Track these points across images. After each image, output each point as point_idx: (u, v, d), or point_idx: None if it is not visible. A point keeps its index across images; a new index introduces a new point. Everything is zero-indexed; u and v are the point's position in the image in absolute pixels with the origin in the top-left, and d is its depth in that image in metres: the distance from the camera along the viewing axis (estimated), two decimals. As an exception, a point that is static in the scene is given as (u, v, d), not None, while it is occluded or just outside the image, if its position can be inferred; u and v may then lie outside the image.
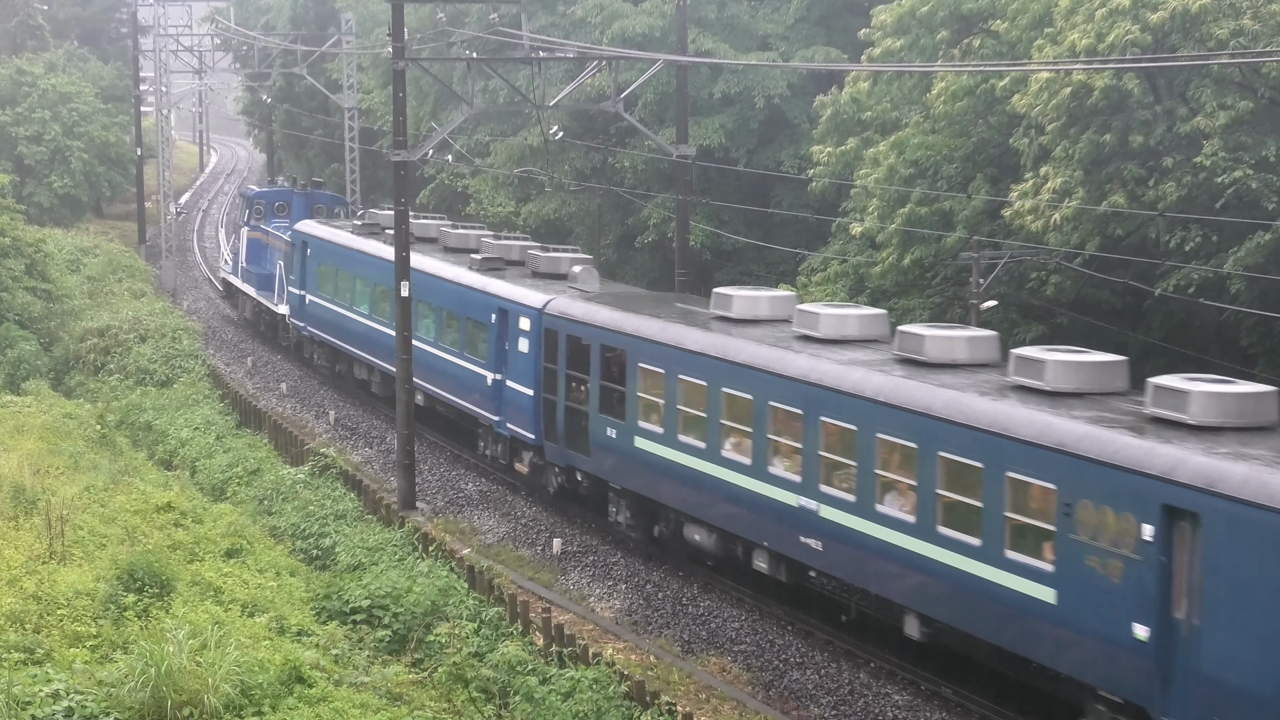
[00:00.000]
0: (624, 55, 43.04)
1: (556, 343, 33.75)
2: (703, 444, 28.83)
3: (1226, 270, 30.28)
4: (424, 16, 56.72)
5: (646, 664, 26.72)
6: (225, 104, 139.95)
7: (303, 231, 50.61)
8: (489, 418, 36.95)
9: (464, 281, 38.79)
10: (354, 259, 45.87)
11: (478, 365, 37.33)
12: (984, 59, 36.33)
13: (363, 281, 44.94)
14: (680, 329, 30.18)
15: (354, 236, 46.93)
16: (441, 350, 39.44)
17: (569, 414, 33.34)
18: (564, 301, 34.33)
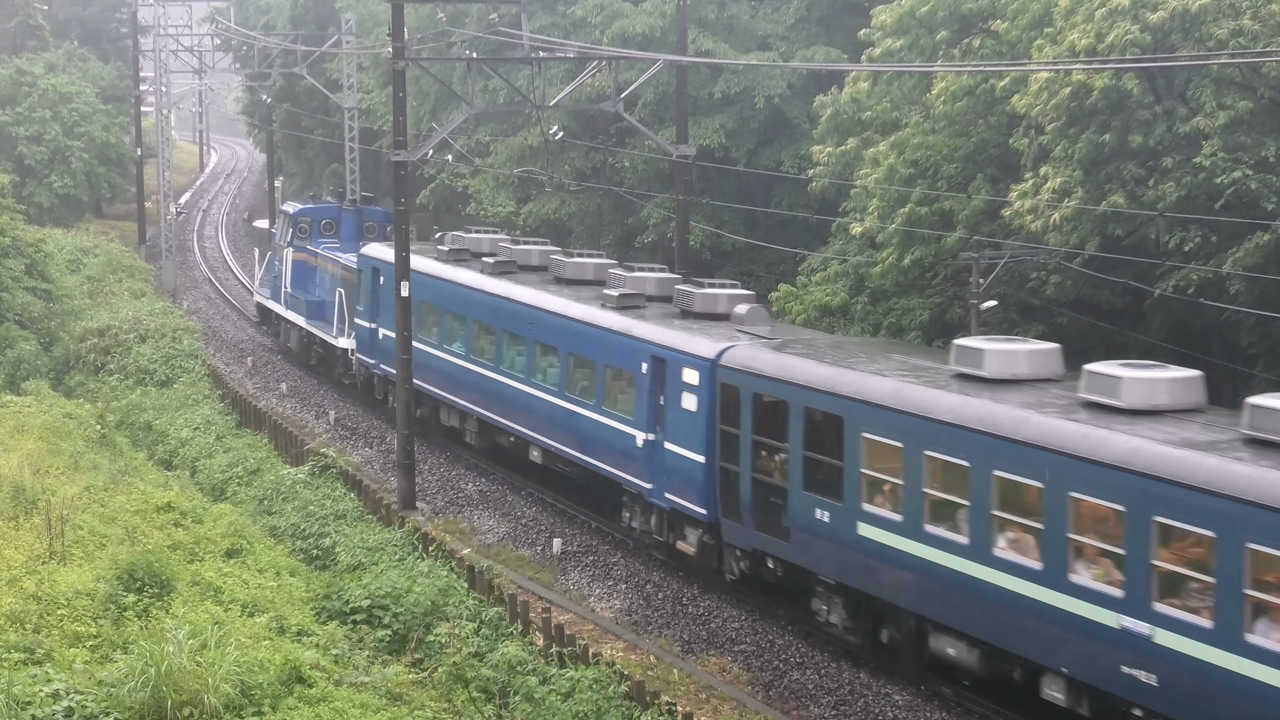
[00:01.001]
0: (624, 55, 43.05)
1: (738, 402, 27.92)
2: (963, 537, 23.12)
3: (1226, 270, 30.28)
4: (424, 16, 56.72)
5: (646, 664, 26.71)
6: (225, 104, 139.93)
7: (373, 257, 43.75)
8: (638, 485, 31.05)
9: (598, 322, 32.83)
10: (443, 291, 39.69)
11: (622, 422, 31.59)
12: (984, 59, 36.34)
13: (455, 317, 39.12)
14: (922, 392, 24.39)
15: (442, 265, 40.62)
16: (567, 401, 33.68)
17: (758, 488, 27.58)
18: (746, 352, 28.37)
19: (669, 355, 30.09)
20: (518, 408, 35.71)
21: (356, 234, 50.71)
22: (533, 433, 35.18)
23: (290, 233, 52.40)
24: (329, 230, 51.59)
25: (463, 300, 38.73)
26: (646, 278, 34.43)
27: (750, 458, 27.69)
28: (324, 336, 48.83)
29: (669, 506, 30.15)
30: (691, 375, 29.26)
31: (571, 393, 33.59)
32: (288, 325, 53.73)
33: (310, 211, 52.76)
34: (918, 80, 38.53)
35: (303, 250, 51.76)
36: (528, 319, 34.95)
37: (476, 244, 41.54)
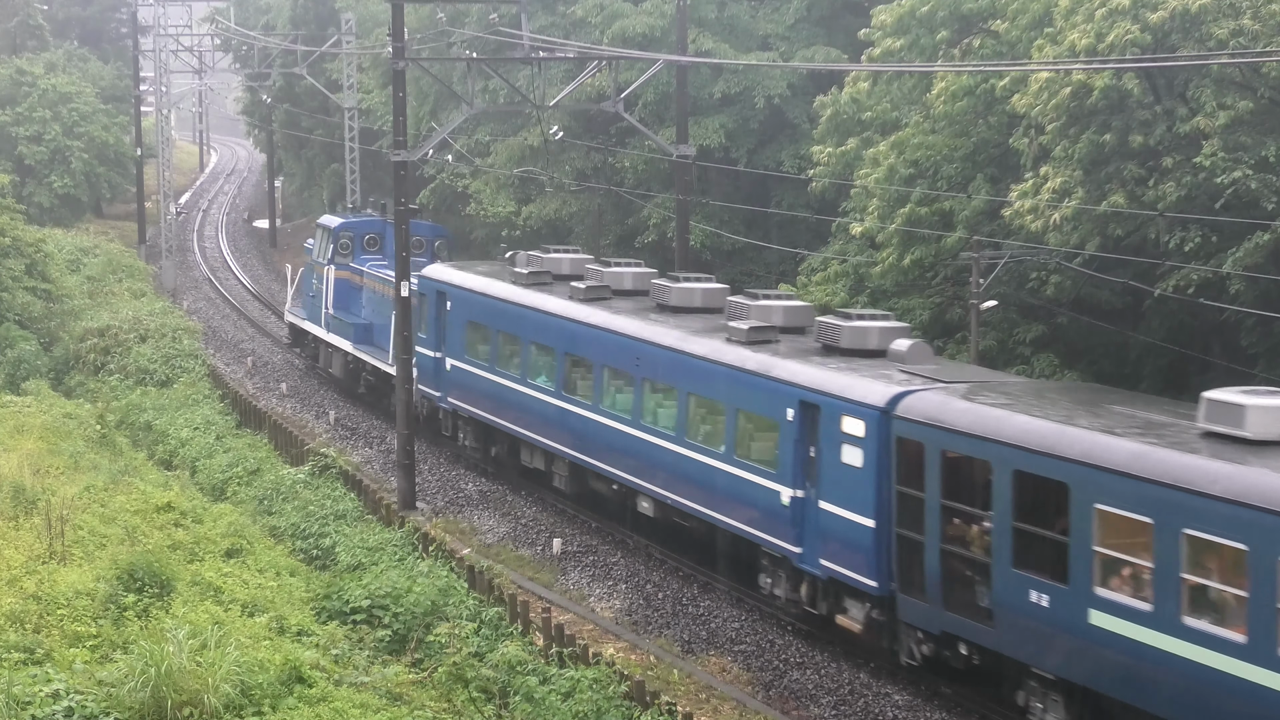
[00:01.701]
0: (624, 55, 43.04)
1: (920, 459, 24.01)
2: (1239, 635, 19.31)
3: (1226, 270, 30.28)
4: (424, 16, 56.71)
5: (646, 664, 26.72)
6: (225, 104, 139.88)
7: (437, 279, 39.72)
8: (783, 548, 27.20)
9: (726, 360, 28.80)
10: (526, 320, 35.58)
11: (760, 475, 27.71)
12: (984, 59, 36.33)
13: (541, 349, 35.01)
14: (1175, 457, 20.57)
15: (522, 290, 36.42)
16: (687, 448, 29.78)
17: (948, 561, 23.71)
18: (931, 400, 24.38)
19: (823, 401, 26.08)
20: (622, 452, 31.76)
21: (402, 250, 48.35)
22: (643, 481, 31.26)
23: (330, 249, 48.13)
24: (373, 246, 47.42)
25: (550, 330, 34.52)
26: (773, 306, 30.32)
27: (938, 525, 23.70)
28: (376, 363, 44.27)
29: (825, 575, 26.20)
30: (855, 425, 25.32)
31: (693, 439, 29.66)
32: (329, 349, 48.77)
33: (352, 226, 48.21)
34: (918, 80, 38.52)
35: (346, 268, 47.63)
36: (633, 353, 31.26)
37: (556, 265, 37.75)
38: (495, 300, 36.62)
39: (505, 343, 36.48)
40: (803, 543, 26.72)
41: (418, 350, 38.84)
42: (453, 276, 39.40)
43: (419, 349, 39.02)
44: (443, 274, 40.06)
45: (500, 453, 37.74)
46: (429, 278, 40.12)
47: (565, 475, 34.62)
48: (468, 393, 38.25)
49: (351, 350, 46.05)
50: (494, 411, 36.75)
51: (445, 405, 39.40)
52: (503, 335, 36.48)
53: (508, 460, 37.53)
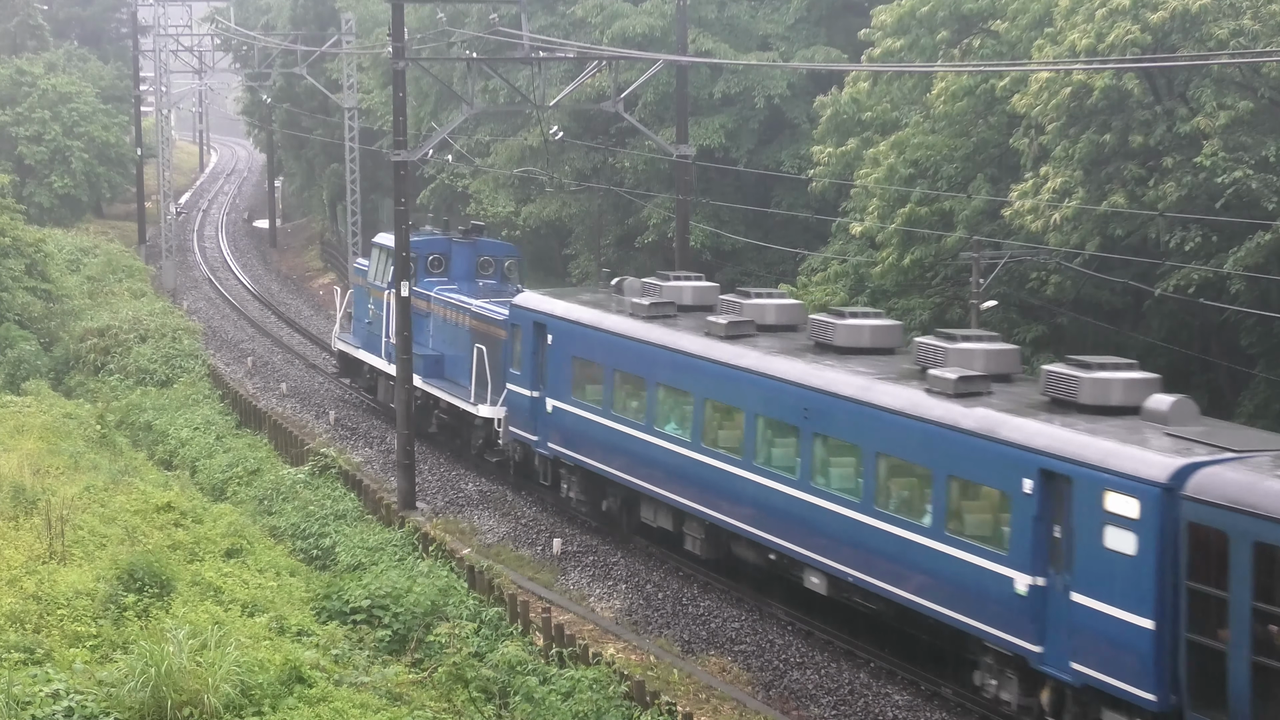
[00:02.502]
0: (624, 55, 43.04)
1: (1223, 550, 19.82)
2: None
3: (1226, 270, 30.28)
4: (424, 16, 56.72)
5: (646, 664, 26.72)
6: (225, 104, 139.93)
7: (534, 309, 35.42)
8: (1016, 645, 22.89)
9: (933, 416, 24.24)
10: (650, 358, 31.14)
11: (983, 556, 23.36)
12: (984, 59, 36.32)
13: (672, 393, 30.66)
14: None
15: (641, 324, 31.94)
16: (877, 518, 25.27)
17: (1263, 676, 19.51)
18: (1233, 477, 20.14)
19: (1075, 472, 21.74)
20: (783, 518, 27.32)
21: (470, 271, 42.55)
22: (812, 553, 26.72)
23: (390, 271, 42.08)
24: (438, 268, 42.74)
25: (685, 372, 30.05)
26: (975, 350, 25.53)
27: (1248, 632, 19.55)
28: (452, 400, 39.71)
29: (1078, 681, 21.97)
30: (1125, 504, 21.03)
31: (884, 507, 25.14)
32: (394, 383, 41.46)
33: (415, 246, 41.10)
34: (918, 80, 38.51)
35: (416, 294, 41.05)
36: (800, 403, 26.76)
37: (678, 294, 32.92)
38: (611, 335, 32.20)
39: (624, 384, 32.08)
40: (1045, 640, 22.40)
41: (509, 388, 36.15)
42: (554, 307, 34.75)
43: (510, 387, 35.96)
44: (541, 304, 35.53)
45: (613, 507, 33.26)
46: (524, 307, 35.80)
47: (701, 538, 30.10)
48: (574, 438, 33.64)
49: (421, 384, 40.41)
50: (608, 461, 32.36)
51: (544, 451, 34.82)
52: (620, 375, 32.09)
53: (622, 516, 33.14)
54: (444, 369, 40.92)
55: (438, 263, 42.88)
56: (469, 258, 42.75)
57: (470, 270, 42.59)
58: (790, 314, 30.93)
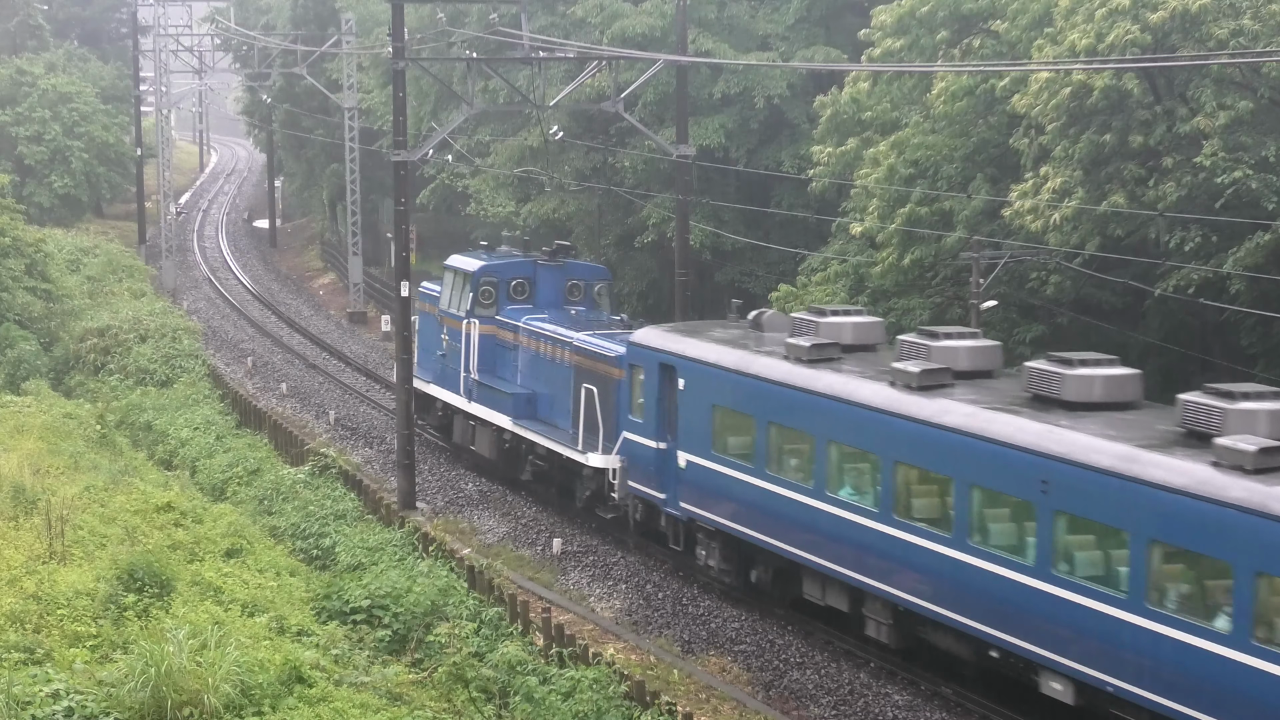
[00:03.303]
0: (624, 55, 43.04)
1: None
2: None
3: (1226, 270, 30.28)
4: (424, 16, 56.72)
5: (646, 664, 26.73)
6: (225, 104, 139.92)
7: (659, 349, 30.77)
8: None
9: (1230, 499, 19.87)
10: (817, 411, 26.49)
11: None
12: (984, 59, 36.32)
13: (847, 451, 26.22)
14: None
15: (803, 369, 27.20)
16: (1155, 620, 20.86)
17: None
18: None
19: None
20: (1012, 609, 23.08)
21: (558, 296, 38.27)
22: (1056, 655, 22.41)
23: (470, 298, 38.22)
24: (521, 294, 38.24)
25: (866, 430, 25.61)
26: (1257, 411, 21.22)
27: None
28: (552, 446, 34.94)
29: None
30: None
31: (1168, 608, 20.79)
32: (474, 423, 38.86)
33: (496, 269, 38.46)
34: (918, 80, 38.51)
35: (492, 322, 38.22)
36: (1035, 474, 22.47)
37: (837, 332, 28.19)
38: (764, 383, 27.71)
39: (782, 439, 27.75)
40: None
41: (626, 437, 31.85)
42: (685, 347, 30.21)
43: (629, 435, 31.77)
44: (668, 342, 30.82)
45: (764, 579, 28.97)
46: (647, 346, 31.25)
47: (888, 623, 25.82)
48: (715, 499, 29.19)
49: (510, 426, 36.48)
50: (760, 527, 28.00)
51: (674, 511, 30.46)
52: (778, 430, 27.68)
53: (777, 589, 28.86)
54: (537, 409, 36.14)
55: (521, 288, 38.33)
56: (556, 282, 38.36)
57: (558, 296, 38.22)
58: (985, 357, 26.29)
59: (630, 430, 31.71)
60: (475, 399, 38.18)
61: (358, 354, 56.36)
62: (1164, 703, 20.63)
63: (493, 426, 37.57)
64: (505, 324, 37.77)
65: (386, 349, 55.09)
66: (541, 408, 36.09)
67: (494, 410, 37.32)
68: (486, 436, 38.12)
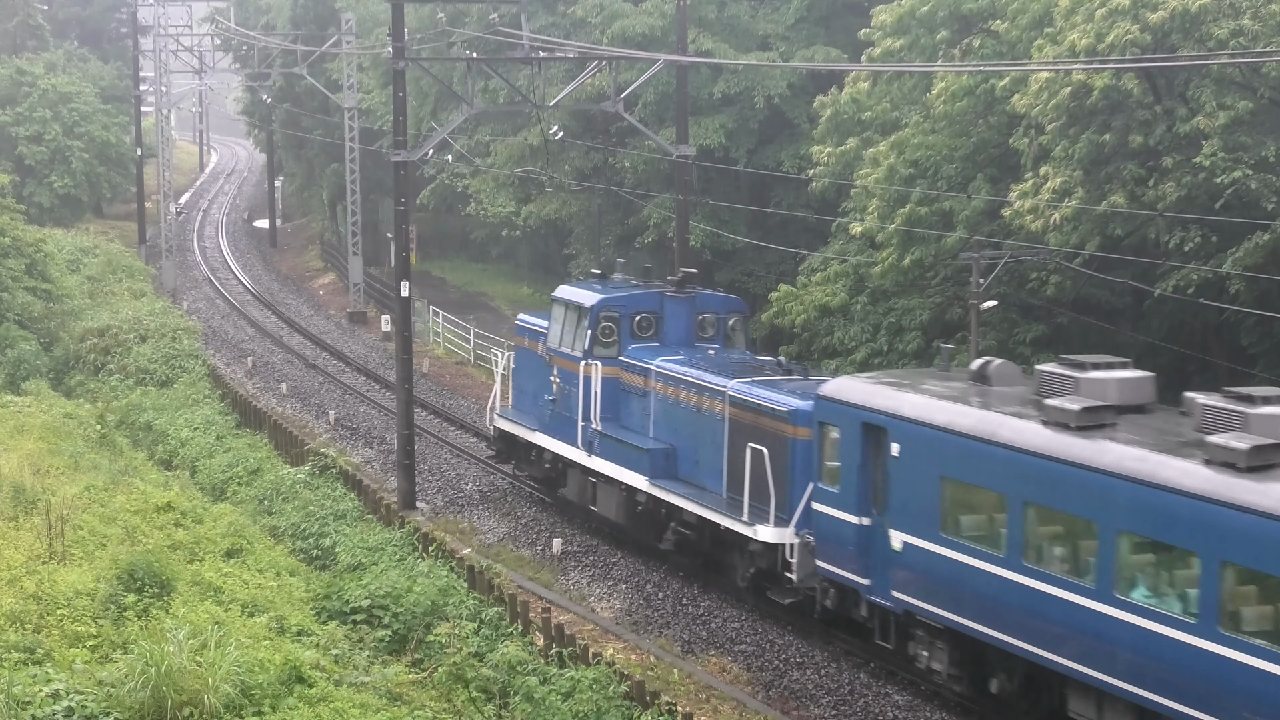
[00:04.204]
0: (624, 55, 43.05)
1: None
2: None
3: (1226, 270, 30.29)
4: (424, 16, 56.74)
5: (646, 664, 26.73)
6: (225, 104, 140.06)
7: (858, 404, 25.62)
8: None
9: None
10: (1101, 491, 21.54)
11: None
12: (984, 59, 36.34)
13: (1143, 542, 21.41)
14: None
15: (1068, 438, 22.24)
16: None
17: None
18: None
19: None
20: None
21: (689, 333, 33.25)
22: None
23: (587, 335, 33.22)
24: (646, 330, 33.25)
25: (1176, 522, 20.60)
26: None
27: None
28: (705, 514, 29.63)
29: None
30: None
31: None
32: (595, 480, 33.35)
33: (618, 302, 33.43)
34: (918, 80, 38.54)
35: (615, 363, 33.07)
36: None
37: (1100, 390, 23.03)
38: (1016, 453, 22.81)
39: (1046, 524, 22.88)
40: None
41: (816, 509, 26.76)
42: (897, 403, 25.03)
43: (819, 507, 26.62)
44: (872, 396, 25.60)
45: (1009, 688, 23.81)
46: (843, 401, 26.01)
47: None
48: (944, 591, 24.23)
49: (646, 487, 31.31)
50: (1010, 628, 23.06)
51: (884, 601, 25.42)
52: (1038, 511, 22.78)
53: (1028, 701, 23.69)
54: (678, 467, 31.00)
55: (647, 324, 33.22)
56: (686, 316, 33.28)
57: (689, 332, 33.21)
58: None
59: (820, 501, 26.51)
60: (597, 452, 32.90)
61: (358, 354, 56.36)
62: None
63: (620, 486, 32.21)
64: (632, 366, 32.64)
65: (386, 349, 55.09)
66: (683, 465, 31.00)
67: (623, 467, 32.06)
68: (613, 497, 32.64)
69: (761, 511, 27.90)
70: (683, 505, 30.24)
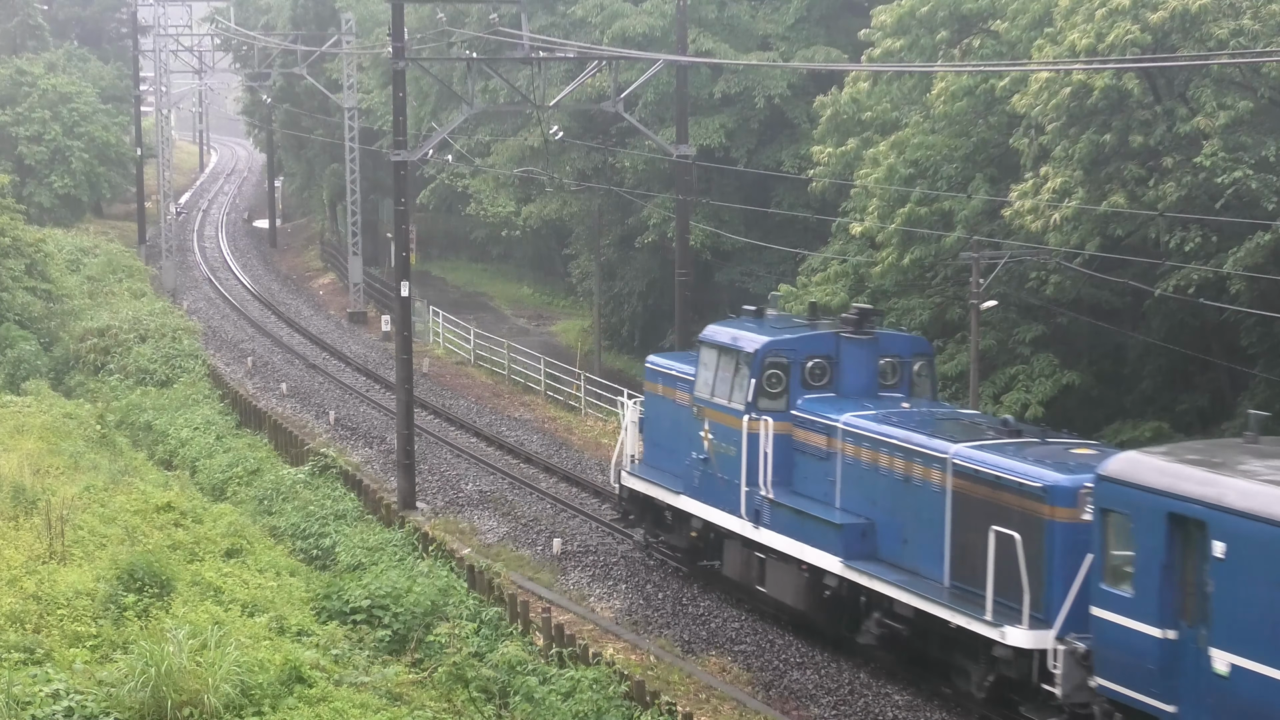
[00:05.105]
0: (624, 55, 43.05)
1: None
2: None
3: (1226, 270, 30.28)
4: (424, 16, 56.74)
5: (646, 664, 26.72)
6: (225, 104, 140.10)
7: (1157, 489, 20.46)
8: None
9: None
10: None
11: None
12: (984, 59, 36.33)
13: None
14: None
15: None
16: None
17: None
18: None
19: None
20: None
21: (869, 381, 28.30)
22: None
23: (749, 385, 28.24)
24: (819, 378, 28.27)
25: None
26: None
27: None
28: (928, 607, 24.50)
29: None
30: None
31: None
32: (764, 556, 28.29)
33: (787, 346, 28.41)
34: (918, 80, 38.52)
35: (787, 418, 27.99)
36: None
37: None
38: None
39: None
40: None
41: (1098, 613, 21.38)
42: (1218, 490, 19.73)
43: (1100, 611, 21.32)
44: (1180, 480, 20.40)
45: None
46: (1140, 484, 20.83)
47: None
48: None
49: (839, 569, 26.25)
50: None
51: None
52: None
53: None
54: (878, 546, 26.11)
55: (820, 371, 28.33)
56: (867, 361, 28.34)
57: (870, 380, 28.30)
58: None
59: (1103, 604, 21.36)
60: (767, 523, 27.93)
61: (358, 354, 56.37)
62: None
63: (801, 565, 27.23)
64: (810, 422, 27.64)
65: (386, 349, 55.08)
66: (885, 544, 25.97)
67: (805, 543, 27.04)
68: (790, 578, 27.64)
69: (1010, 610, 22.88)
70: (896, 595, 25.07)
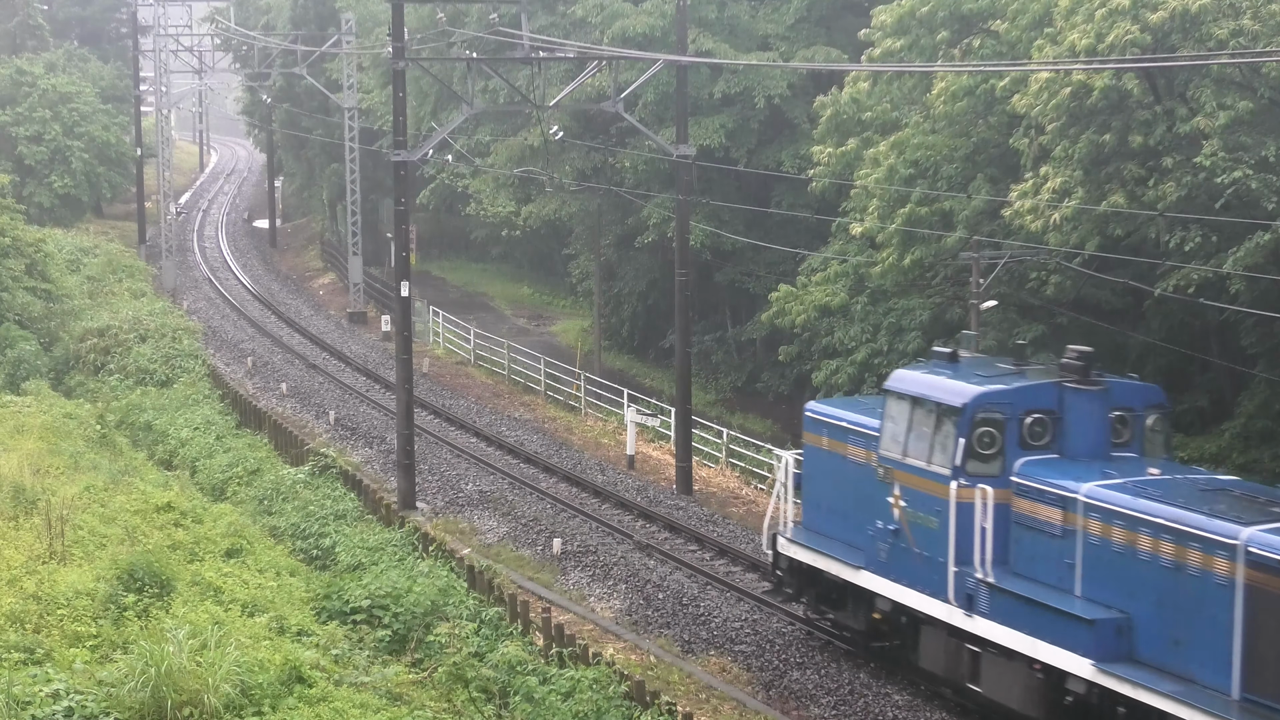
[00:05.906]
0: (624, 55, 43.04)
1: None
2: None
3: (1226, 270, 30.28)
4: (424, 16, 56.74)
5: (646, 664, 26.73)
6: (225, 104, 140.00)
7: None
8: None
9: None
10: None
11: None
12: (984, 59, 36.32)
13: None
14: None
15: None
16: None
17: None
18: None
19: None
20: None
21: (1100, 440, 23.99)
22: None
23: (958, 445, 23.95)
24: (1039, 436, 23.91)
25: None
26: None
27: None
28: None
29: None
30: None
31: None
32: (980, 651, 23.83)
33: (1001, 399, 24.09)
34: (918, 80, 38.51)
35: (1005, 485, 23.62)
36: None
37: None
38: None
39: None
40: None
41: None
42: None
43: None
44: None
45: None
46: None
47: None
48: None
49: (1089, 674, 21.80)
50: None
51: None
52: None
53: None
54: (1136, 646, 21.73)
55: (1041, 428, 24.00)
56: (1096, 415, 24.00)
57: (1101, 438, 23.99)
58: None
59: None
60: (985, 611, 23.59)
61: (358, 354, 56.37)
62: None
63: (1034, 664, 22.79)
64: (1035, 491, 23.19)
65: (386, 349, 55.08)
66: (1147, 644, 21.50)
67: (1037, 638, 22.63)
68: (1018, 679, 23.22)
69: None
70: (1170, 709, 20.41)
